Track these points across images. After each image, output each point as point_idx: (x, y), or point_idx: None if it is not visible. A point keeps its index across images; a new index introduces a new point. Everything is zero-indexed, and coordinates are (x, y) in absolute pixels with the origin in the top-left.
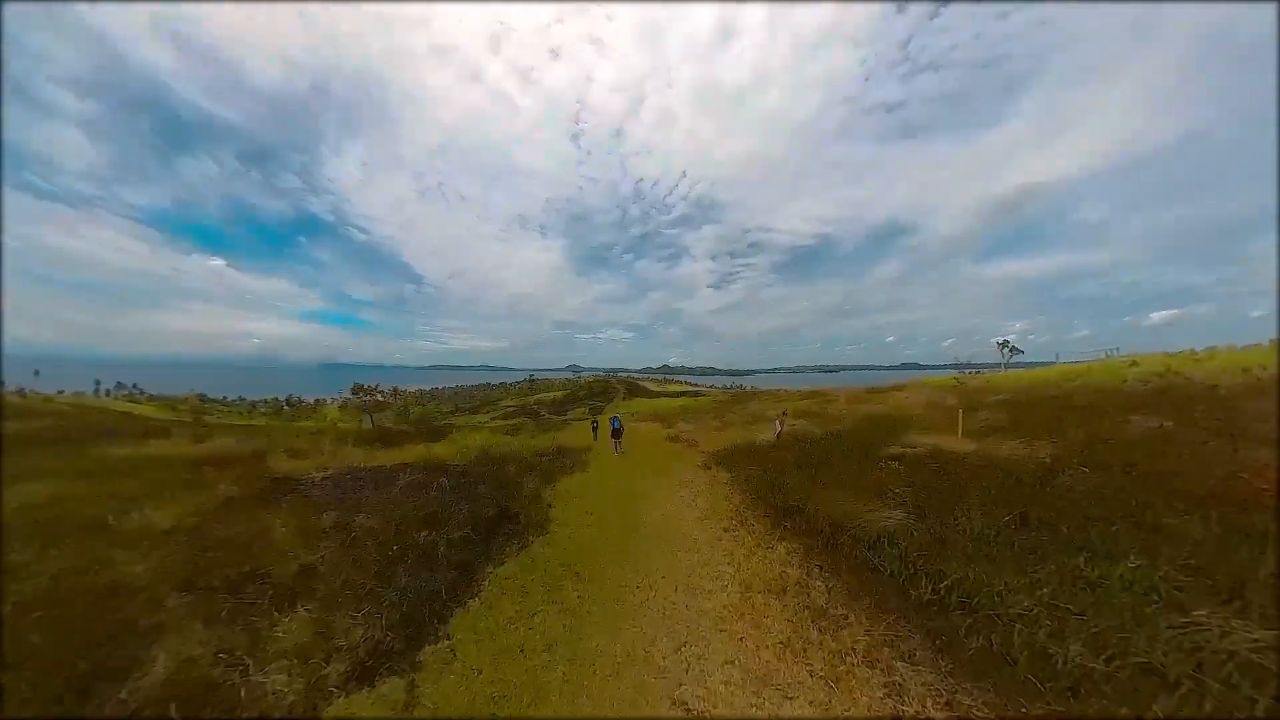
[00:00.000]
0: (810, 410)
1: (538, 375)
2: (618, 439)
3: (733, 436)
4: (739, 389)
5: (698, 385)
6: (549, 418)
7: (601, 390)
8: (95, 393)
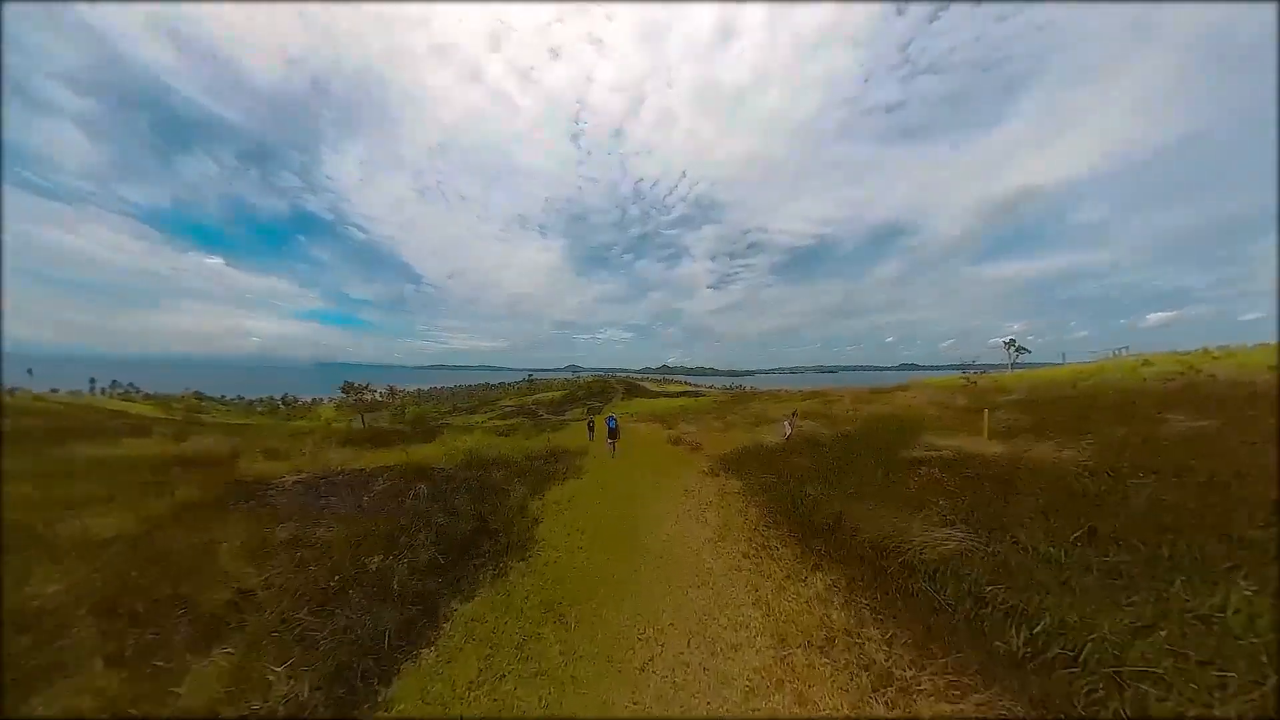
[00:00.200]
0: (815, 411)
1: (537, 375)
2: (613, 439)
3: (738, 438)
4: (738, 389)
5: (697, 385)
6: (547, 418)
7: (600, 390)
8: (91, 391)
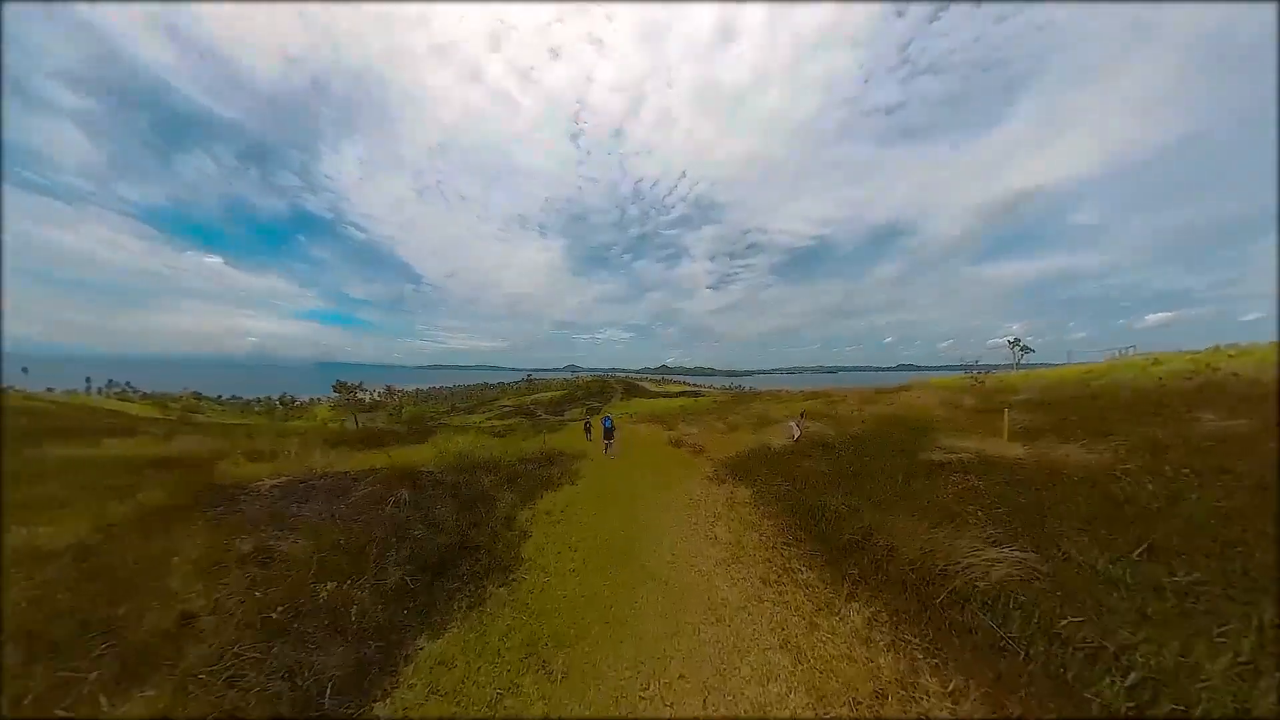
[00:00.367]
0: (819, 411)
1: (536, 375)
2: (609, 440)
3: (742, 441)
4: (738, 389)
5: (696, 386)
6: (545, 418)
7: (599, 390)
8: (87, 391)
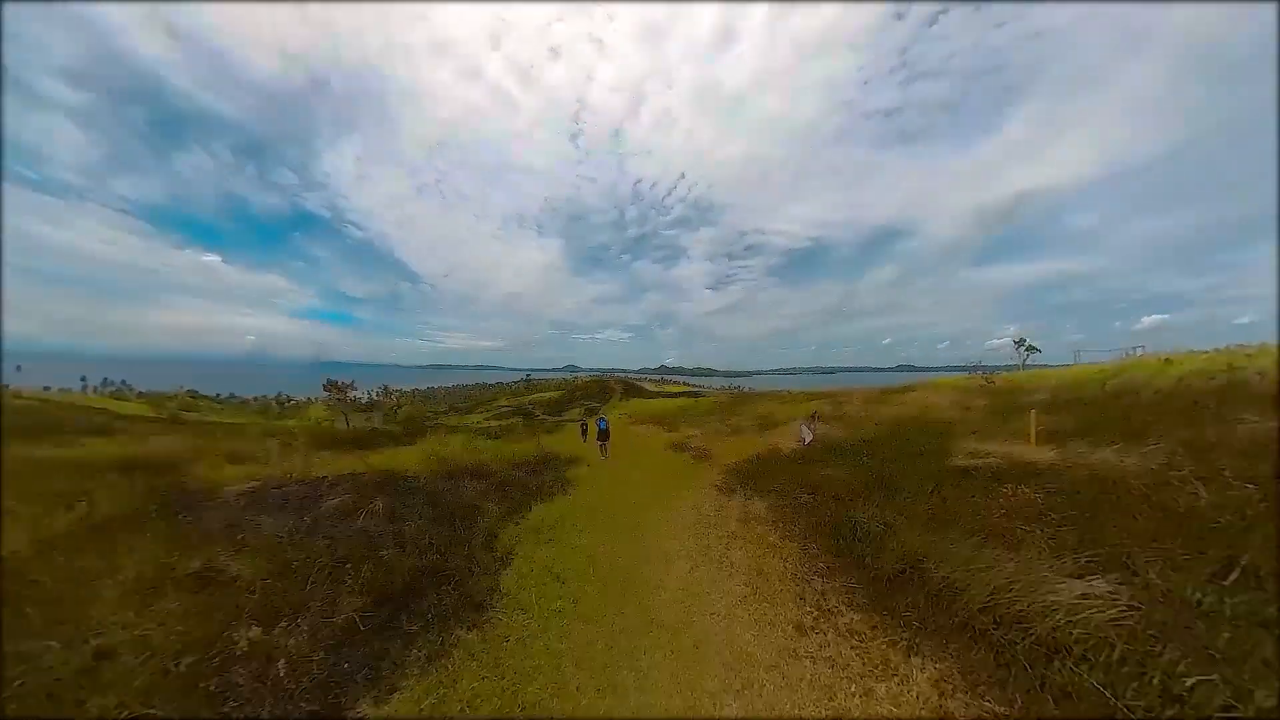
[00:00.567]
0: (825, 412)
1: (535, 375)
2: (604, 442)
3: (749, 444)
4: (738, 390)
5: (696, 386)
6: (543, 418)
7: (598, 390)
8: (83, 389)
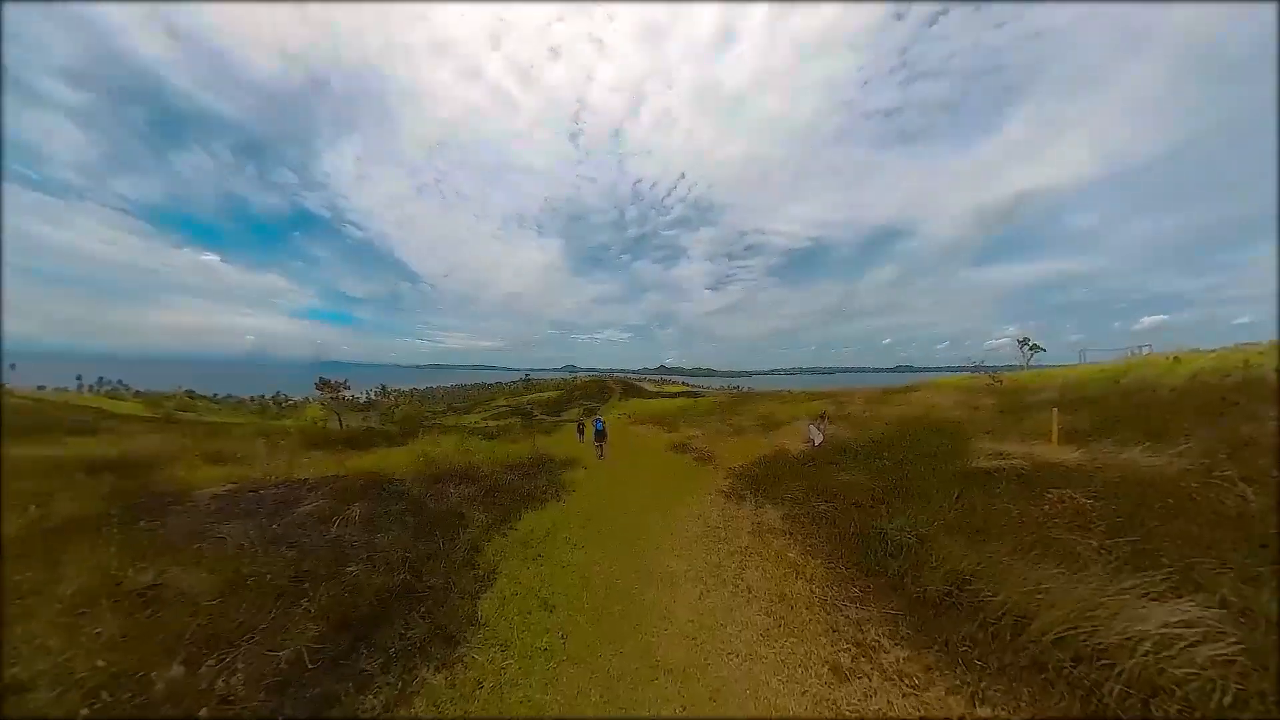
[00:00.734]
0: (829, 413)
1: (534, 375)
2: (601, 443)
3: (754, 446)
4: (737, 390)
5: (695, 386)
6: (541, 418)
7: (597, 390)
8: (79, 389)
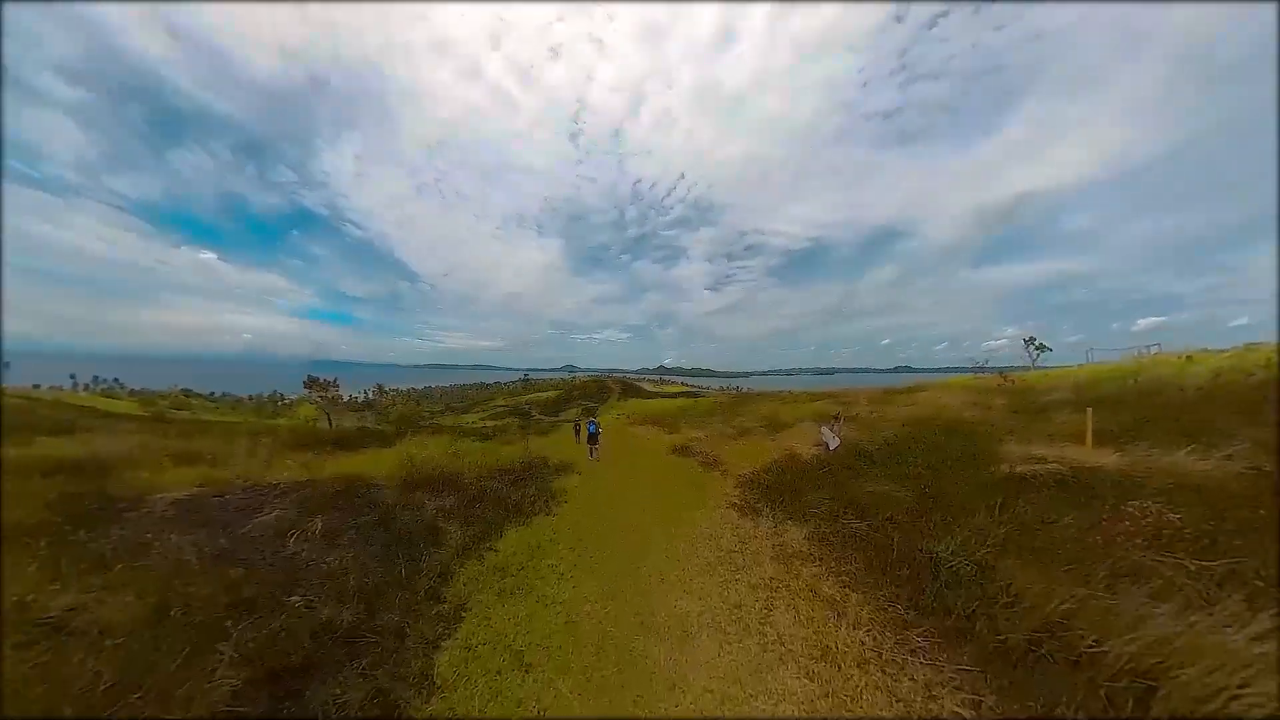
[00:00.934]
0: (829, 413)
1: (533, 375)
2: (594, 444)
3: (761, 449)
4: (737, 390)
5: (695, 386)
6: (539, 418)
7: (596, 391)
8: (73, 388)
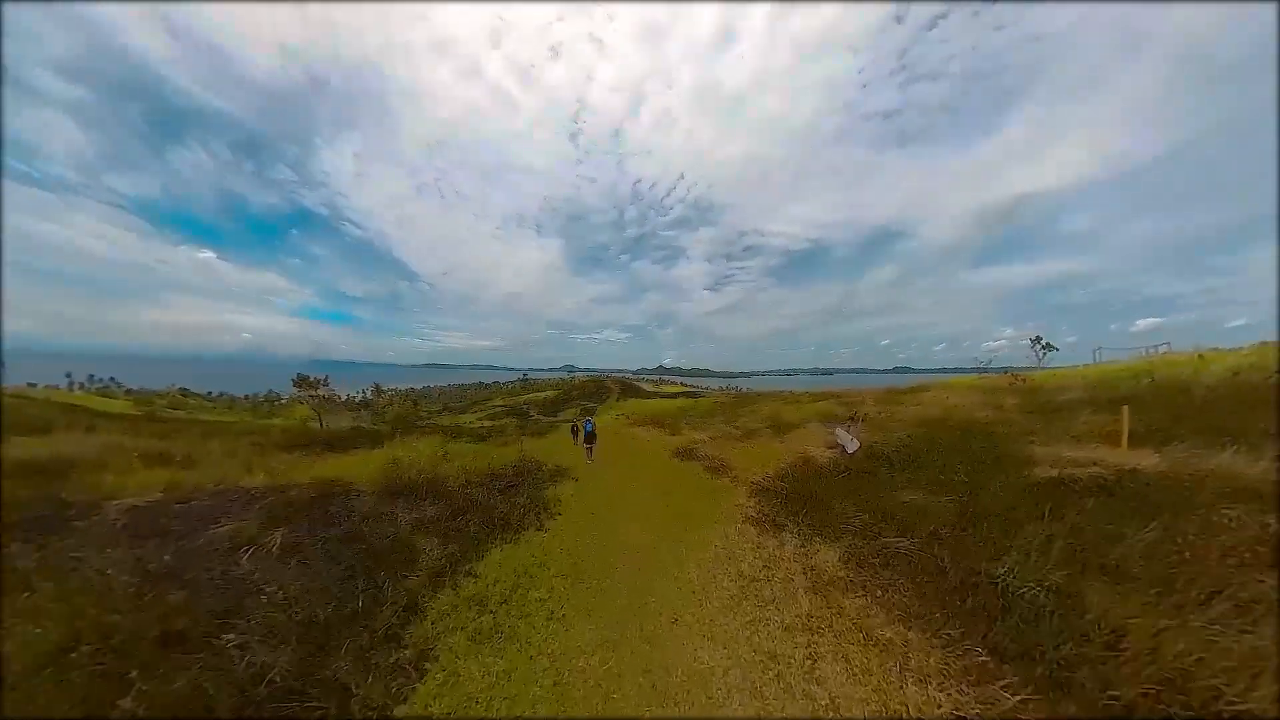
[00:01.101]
0: (832, 413)
1: (533, 375)
2: (590, 444)
3: (771, 453)
4: (737, 390)
5: (694, 387)
6: (537, 418)
7: (595, 390)
8: (69, 387)
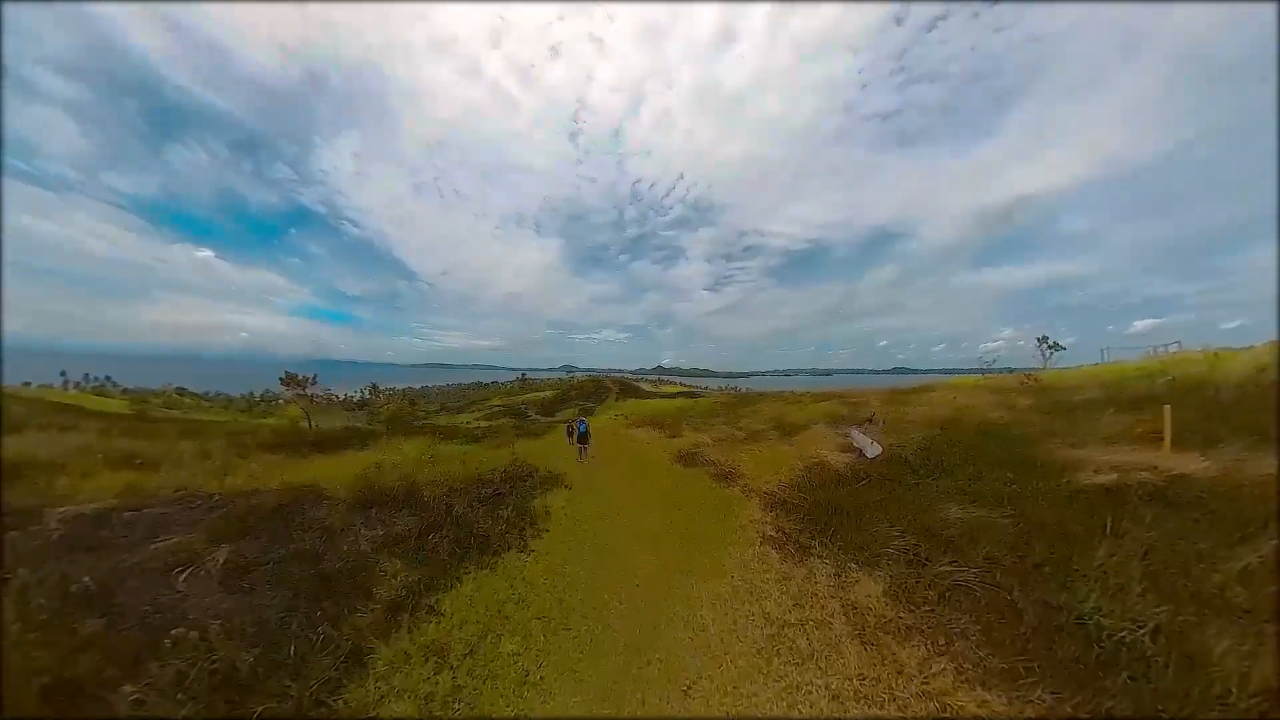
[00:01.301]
0: (836, 414)
1: (531, 375)
2: (584, 445)
3: (780, 456)
4: (737, 390)
5: (694, 387)
6: (535, 418)
7: (594, 390)
8: (64, 386)
